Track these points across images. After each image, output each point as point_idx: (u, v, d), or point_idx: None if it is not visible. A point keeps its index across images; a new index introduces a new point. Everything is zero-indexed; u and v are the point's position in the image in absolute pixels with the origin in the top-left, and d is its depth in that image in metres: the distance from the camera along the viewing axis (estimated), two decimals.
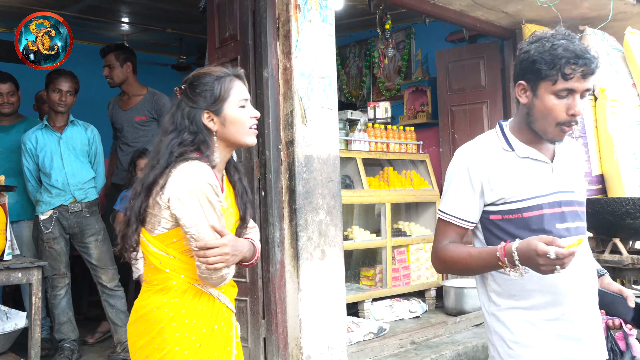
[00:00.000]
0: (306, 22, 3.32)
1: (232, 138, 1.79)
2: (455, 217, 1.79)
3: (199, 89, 1.78)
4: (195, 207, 1.66)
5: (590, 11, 4.81)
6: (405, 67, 6.73)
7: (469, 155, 1.79)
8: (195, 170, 1.68)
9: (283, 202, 3.33)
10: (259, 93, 3.38)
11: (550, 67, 1.66)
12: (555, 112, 1.69)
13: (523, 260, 1.56)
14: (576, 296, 1.73)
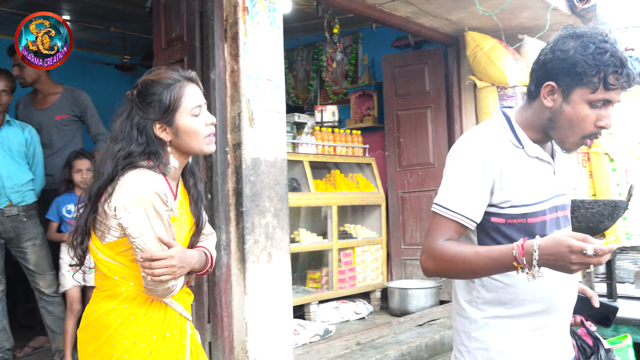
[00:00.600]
0: (254, 24, 3.32)
1: (187, 148, 1.71)
2: (460, 214, 1.57)
3: (148, 98, 1.68)
4: (141, 217, 1.60)
5: (529, 21, 5.00)
6: (353, 71, 6.81)
7: (483, 148, 1.59)
8: (142, 178, 1.62)
9: (230, 205, 3.31)
10: (206, 95, 3.30)
11: (595, 72, 1.47)
12: (585, 123, 1.53)
13: (546, 259, 1.40)
14: (565, 306, 1.68)
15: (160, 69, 1.77)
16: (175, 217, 1.71)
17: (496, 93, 5.07)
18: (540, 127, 1.61)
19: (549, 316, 1.63)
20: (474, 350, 1.65)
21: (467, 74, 5.36)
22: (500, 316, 1.63)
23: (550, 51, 1.54)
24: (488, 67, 4.92)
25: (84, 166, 4.06)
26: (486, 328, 1.64)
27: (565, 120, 1.54)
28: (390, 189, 5.88)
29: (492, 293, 1.63)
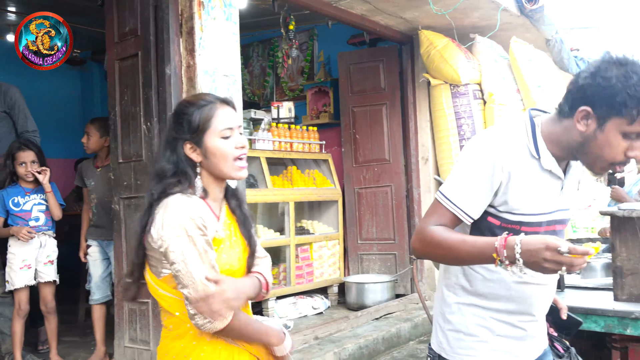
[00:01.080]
0: (210, 19, 3.29)
1: (216, 171, 1.68)
2: (459, 208, 1.60)
3: (180, 117, 1.68)
4: (176, 243, 1.55)
5: (480, 20, 5.13)
6: (308, 67, 6.83)
7: (497, 149, 1.59)
8: (174, 204, 1.58)
9: None
10: (161, 90, 3.30)
11: (633, 105, 1.45)
12: (616, 152, 1.52)
13: (524, 254, 1.41)
14: (538, 312, 1.72)
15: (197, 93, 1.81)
16: (223, 239, 1.67)
17: (449, 90, 5.18)
18: (567, 147, 1.59)
19: (521, 316, 1.68)
20: (447, 331, 1.73)
21: (421, 72, 5.46)
22: (474, 304, 1.69)
23: (591, 76, 1.51)
24: (441, 65, 5.03)
25: (27, 158, 3.95)
26: (459, 313, 1.70)
27: (596, 147, 1.53)
28: (346, 184, 5.94)
29: (470, 282, 1.68)
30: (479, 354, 1.68)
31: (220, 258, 1.64)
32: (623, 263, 2.78)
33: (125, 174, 3.50)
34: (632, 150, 1.50)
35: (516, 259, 1.42)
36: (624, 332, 2.69)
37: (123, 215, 3.51)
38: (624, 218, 2.74)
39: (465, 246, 1.54)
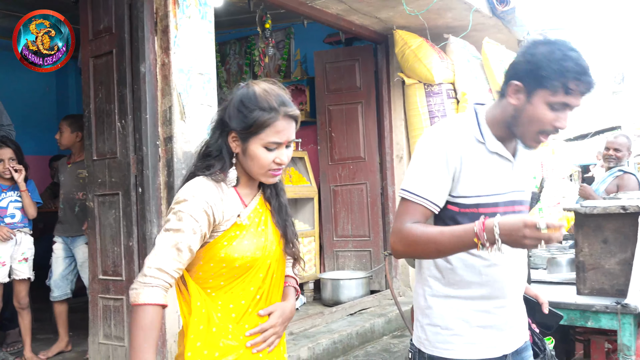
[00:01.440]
0: (185, 18, 3.32)
1: (247, 169, 1.67)
2: (426, 198, 1.66)
3: (239, 106, 1.62)
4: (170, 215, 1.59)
5: (453, 21, 5.22)
6: (285, 66, 6.86)
7: (447, 138, 1.69)
8: (190, 185, 1.61)
9: (161, 198, 3.31)
10: (136, 88, 3.32)
11: (557, 77, 1.57)
12: (543, 122, 1.62)
13: (503, 234, 1.47)
14: (511, 293, 1.75)
15: (276, 85, 1.69)
16: (246, 225, 1.66)
17: (423, 90, 5.26)
18: (505, 124, 1.69)
19: (495, 301, 1.72)
20: (425, 326, 1.77)
21: (396, 71, 5.54)
22: (449, 296, 1.73)
23: (521, 54, 1.65)
24: (415, 65, 5.11)
25: (5, 155, 3.93)
26: (435, 306, 1.75)
27: (526, 118, 1.63)
28: (322, 182, 5.99)
29: (442, 273, 1.73)
30: (456, 347, 1.72)
31: (240, 244, 1.63)
32: (585, 258, 2.89)
33: (100, 171, 3.51)
34: (558, 120, 1.61)
35: (496, 240, 1.47)
36: (585, 325, 2.80)
37: (97, 212, 3.52)
38: (585, 215, 2.85)
39: (445, 237, 1.59)
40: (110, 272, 3.48)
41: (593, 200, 3.48)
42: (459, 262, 1.72)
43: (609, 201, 3.03)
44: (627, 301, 2.62)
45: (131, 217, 3.35)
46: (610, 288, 2.80)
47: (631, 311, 2.59)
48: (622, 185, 4.68)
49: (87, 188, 3.60)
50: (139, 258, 3.34)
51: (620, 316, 2.62)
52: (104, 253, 3.50)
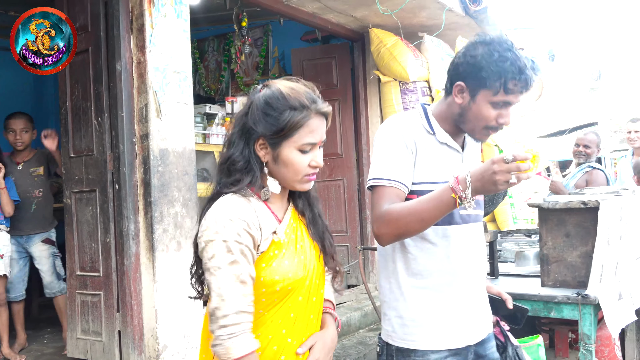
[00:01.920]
0: (160, 16, 3.36)
1: (280, 178, 1.50)
2: (396, 180, 1.73)
3: (267, 109, 1.46)
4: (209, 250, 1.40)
5: (427, 20, 5.31)
6: (263, 63, 6.91)
7: (401, 127, 1.79)
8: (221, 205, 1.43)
9: (138, 195, 3.35)
10: (112, 86, 3.36)
11: (496, 78, 1.66)
12: (487, 119, 1.72)
13: (477, 180, 1.53)
14: (472, 278, 1.84)
15: (300, 82, 1.54)
16: (285, 243, 1.50)
17: (398, 87, 5.35)
18: (452, 120, 1.80)
19: (458, 287, 1.81)
20: (392, 318, 1.83)
21: (372, 69, 5.61)
22: (414, 286, 1.80)
23: (462, 55, 1.75)
24: (391, 63, 5.19)
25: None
26: (401, 298, 1.81)
27: (472, 116, 1.74)
28: None
29: (405, 265, 1.81)
30: (420, 338, 1.80)
31: (281, 265, 1.47)
32: (549, 251, 3.00)
33: (77, 168, 3.54)
34: (501, 117, 1.71)
35: (467, 188, 1.54)
36: (548, 315, 2.91)
37: (74, 209, 3.56)
38: (549, 209, 2.96)
39: (424, 203, 1.64)
40: (87, 268, 3.52)
41: (557, 196, 3.60)
42: (420, 251, 1.80)
43: (571, 196, 3.14)
44: (587, 292, 2.73)
45: (108, 213, 3.39)
46: (572, 280, 2.92)
47: (591, 302, 2.70)
48: (590, 181, 4.82)
49: (64, 185, 3.63)
50: (116, 254, 3.38)
51: (580, 307, 2.73)
52: (82, 249, 3.54)
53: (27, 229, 4.17)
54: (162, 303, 3.32)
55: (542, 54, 6.85)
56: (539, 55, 6.51)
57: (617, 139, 13.53)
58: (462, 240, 1.83)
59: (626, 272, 3.02)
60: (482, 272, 1.94)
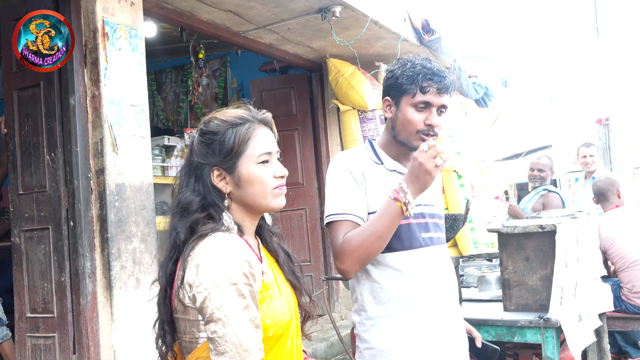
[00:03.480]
0: (115, 50, 3.31)
1: (250, 202, 1.40)
2: (350, 213, 1.78)
3: (208, 138, 1.39)
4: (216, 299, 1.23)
5: (383, 50, 5.40)
6: (222, 94, 6.89)
7: (348, 161, 1.86)
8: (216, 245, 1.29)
9: (94, 231, 3.25)
10: (66, 120, 3.28)
11: (410, 82, 1.81)
12: (414, 123, 1.82)
13: (411, 181, 1.67)
14: (441, 300, 1.85)
15: (229, 108, 1.48)
16: (271, 283, 1.38)
17: (357, 116, 5.40)
18: (393, 139, 1.89)
19: (427, 312, 1.81)
20: (363, 351, 1.83)
21: (331, 98, 5.66)
22: (382, 316, 1.80)
23: (385, 76, 1.93)
24: (349, 92, 5.25)
25: None
26: (372, 329, 1.81)
27: (401, 124, 1.85)
28: None
29: (372, 295, 1.82)
30: None
31: (271, 308, 1.34)
32: (510, 276, 3.02)
33: (27, 205, 3.42)
34: (427, 119, 1.83)
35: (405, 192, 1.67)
36: (512, 340, 2.92)
37: (24, 248, 3.42)
38: (508, 234, 2.99)
39: (376, 222, 1.73)
40: (39, 310, 3.38)
41: (515, 220, 3.65)
42: (385, 278, 1.81)
43: (528, 220, 3.20)
44: (549, 315, 2.75)
45: (63, 251, 3.27)
46: (534, 303, 2.94)
47: (552, 325, 2.73)
48: (547, 204, 4.93)
49: (13, 223, 3.49)
50: (71, 293, 3.26)
51: (543, 330, 2.75)
52: (32, 290, 3.40)
53: None
54: (121, 343, 3.20)
55: (496, 81, 7.04)
56: (493, 82, 6.69)
57: (571, 161, 13.96)
58: (427, 264, 1.84)
59: (584, 294, 3.07)
60: (452, 296, 1.94)
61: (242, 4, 4.14)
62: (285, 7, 4.27)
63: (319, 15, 4.40)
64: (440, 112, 1.86)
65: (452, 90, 1.88)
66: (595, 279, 3.41)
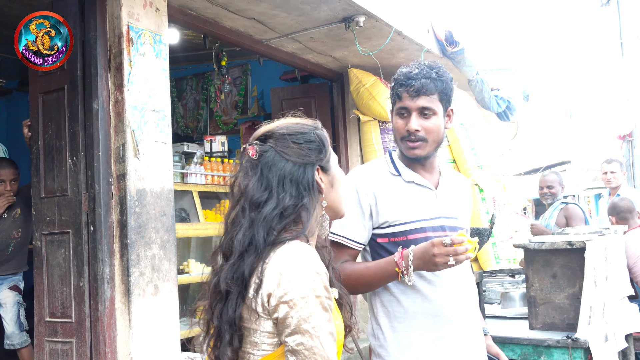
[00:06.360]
0: (139, 55, 3.31)
1: (336, 205, 1.38)
2: (346, 237, 1.79)
3: (299, 138, 1.36)
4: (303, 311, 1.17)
5: (406, 60, 5.32)
6: (242, 102, 6.89)
7: (358, 178, 1.84)
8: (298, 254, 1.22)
9: (114, 237, 3.23)
10: (88, 125, 3.27)
11: (392, 90, 1.84)
12: (397, 130, 1.83)
13: (418, 258, 1.59)
14: (458, 317, 1.78)
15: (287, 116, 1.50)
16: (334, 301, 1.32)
17: (378, 127, 5.36)
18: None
19: (443, 328, 1.75)
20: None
21: (352, 108, 5.62)
22: (397, 330, 1.76)
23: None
24: (370, 103, 5.21)
25: None
26: (385, 343, 1.78)
27: (393, 132, 1.88)
28: None
29: (386, 308, 1.79)
30: None
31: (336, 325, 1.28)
32: (536, 293, 2.95)
33: (49, 209, 3.41)
34: (407, 124, 1.80)
35: (409, 265, 1.61)
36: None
37: (45, 252, 3.41)
38: (534, 250, 2.92)
39: (370, 271, 1.72)
40: (58, 314, 3.36)
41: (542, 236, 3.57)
42: (401, 292, 1.76)
43: (556, 237, 3.12)
44: (577, 335, 2.68)
45: (82, 256, 3.25)
46: (561, 322, 2.86)
47: (581, 345, 2.65)
48: (569, 216, 4.84)
49: (35, 226, 3.49)
50: (89, 299, 3.23)
51: (571, 350, 2.67)
52: (52, 294, 3.38)
53: (1, 270, 4.01)
54: (138, 350, 3.17)
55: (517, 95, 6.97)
56: (514, 95, 6.62)
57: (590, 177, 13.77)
58: (445, 280, 1.78)
59: (612, 314, 2.99)
60: (471, 313, 1.86)
61: (266, 12, 4.12)
62: (309, 16, 4.26)
63: (342, 24, 4.38)
64: (425, 114, 1.79)
65: (432, 90, 1.78)
66: (622, 298, 3.32)
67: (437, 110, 1.82)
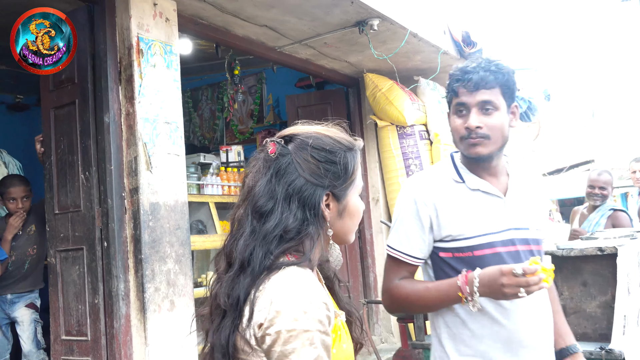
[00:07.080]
0: (150, 66, 3.25)
1: (341, 234, 1.25)
2: (404, 253, 1.65)
3: (323, 156, 1.22)
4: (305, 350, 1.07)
5: (422, 63, 5.25)
6: (258, 110, 6.83)
7: (417, 187, 1.69)
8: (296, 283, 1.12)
9: (128, 252, 3.17)
10: (100, 139, 3.23)
11: (448, 87, 1.70)
12: (455, 130, 1.67)
13: (484, 285, 1.45)
14: (532, 344, 1.62)
15: (327, 125, 1.34)
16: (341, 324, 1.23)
17: (396, 132, 5.25)
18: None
19: (514, 354, 1.59)
20: None
21: (368, 114, 5.53)
22: (463, 354, 1.62)
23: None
24: (387, 107, 5.11)
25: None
26: None
27: (451, 132, 1.73)
28: None
29: (452, 329, 1.64)
30: None
31: (341, 351, 1.19)
32: (566, 302, 2.81)
33: (62, 225, 3.37)
34: (465, 122, 1.64)
35: (474, 292, 1.47)
36: None
37: (60, 269, 3.36)
38: (563, 257, 2.79)
39: (430, 293, 1.59)
40: (74, 332, 3.31)
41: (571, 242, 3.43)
42: (467, 314, 1.61)
43: (585, 242, 2.98)
44: (611, 346, 2.53)
45: (96, 272, 3.20)
46: (593, 332, 2.72)
47: (616, 357, 2.50)
48: (617, 225, 4.35)
49: (49, 243, 3.45)
50: (105, 316, 3.18)
51: None
52: (67, 312, 3.33)
53: (16, 288, 3.98)
54: None
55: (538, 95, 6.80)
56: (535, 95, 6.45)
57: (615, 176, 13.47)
58: (517, 302, 1.56)
59: None
60: (547, 338, 1.68)
61: (277, 18, 4.05)
62: (322, 21, 4.18)
63: (356, 28, 4.29)
64: (486, 110, 1.61)
65: (493, 83, 1.61)
66: None
67: (500, 105, 1.63)
